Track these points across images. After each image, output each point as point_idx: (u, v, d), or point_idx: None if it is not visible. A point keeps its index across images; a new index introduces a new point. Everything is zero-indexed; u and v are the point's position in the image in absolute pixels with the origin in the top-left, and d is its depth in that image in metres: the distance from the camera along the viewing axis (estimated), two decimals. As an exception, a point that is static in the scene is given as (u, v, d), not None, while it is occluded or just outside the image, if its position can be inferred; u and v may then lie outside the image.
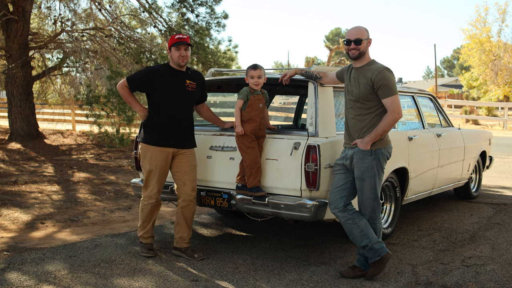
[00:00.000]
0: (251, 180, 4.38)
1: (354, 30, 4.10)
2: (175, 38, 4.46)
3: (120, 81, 4.54)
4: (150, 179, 4.53)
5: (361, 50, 4.06)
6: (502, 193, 7.75)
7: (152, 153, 4.48)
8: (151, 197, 4.55)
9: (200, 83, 4.66)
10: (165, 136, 4.47)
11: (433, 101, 6.58)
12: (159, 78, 4.46)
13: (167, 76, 4.48)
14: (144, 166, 4.54)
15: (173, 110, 4.47)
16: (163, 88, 4.45)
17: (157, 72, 4.50)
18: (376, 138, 3.99)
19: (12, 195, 7.23)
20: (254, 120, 4.45)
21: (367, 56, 4.11)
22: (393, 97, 3.95)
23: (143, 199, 4.62)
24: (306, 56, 55.34)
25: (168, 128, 4.47)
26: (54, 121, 18.01)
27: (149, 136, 4.51)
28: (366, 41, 4.07)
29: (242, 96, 4.49)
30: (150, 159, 4.48)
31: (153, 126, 4.49)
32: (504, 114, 22.82)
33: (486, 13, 30.46)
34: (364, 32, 4.09)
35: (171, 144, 4.48)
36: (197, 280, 4.01)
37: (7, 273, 4.10)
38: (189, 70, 4.61)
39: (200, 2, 14.48)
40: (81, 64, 13.60)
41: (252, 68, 4.51)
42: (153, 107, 4.50)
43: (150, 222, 4.61)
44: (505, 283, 3.99)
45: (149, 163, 4.49)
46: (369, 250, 4.04)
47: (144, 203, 4.59)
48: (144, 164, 4.53)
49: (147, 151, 4.50)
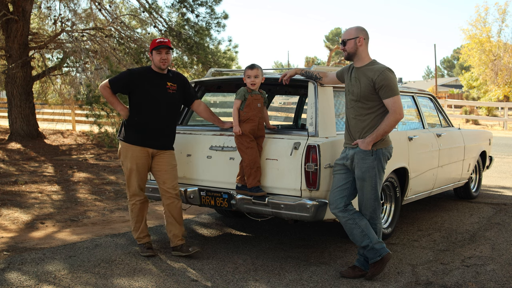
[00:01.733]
0: (250, 180, 4.38)
1: (344, 31, 4.15)
2: (156, 42, 4.56)
3: (102, 82, 4.62)
4: (132, 177, 4.60)
5: (347, 51, 4.07)
6: (502, 193, 7.74)
7: (133, 152, 4.56)
8: (136, 194, 4.63)
9: (181, 84, 4.72)
10: (145, 136, 4.55)
11: (433, 101, 6.58)
12: (140, 80, 4.55)
13: (149, 78, 4.57)
14: (125, 165, 4.62)
15: (154, 112, 4.54)
16: (144, 89, 4.53)
17: (138, 74, 4.60)
18: (377, 138, 3.98)
19: (12, 195, 7.23)
20: (253, 120, 4.45)
21: (365, 56, 4.07)
22: (395, 97, 3.94)
23: (129, 200, 4.68)
24: (306, 56, 55.38)
25: (148, 129, 4.55)
26: (54, 121, 18.00)
27: (129, 136, 4.58)
28: (354, 40, 4.03)
29: (239, 96, 4.49)
30: (131, 158, 4.56)
31: (134, 126, 4.57)
32: (504, 114, 22.81)
33: (486, 13, 30.48)
34: (352, 32, 4.06)
35: (150, 144, 4.56)
36: (197, 280, 4.01)
37: (7, 273, 4.10)
38: (170, 73, 4.69)
39: (200, 2, 14.47)
40: (81, 64, 13.61)
41: (249, 67, 4.52)
42: (135, 107, 4.57)
43: (142, 222, 4.67)
44: (505, 283, 3.99)
45: (130, 162, 4.57)
46: (370, 250, 4.03)
47: (132, 202, 4.66)
48: (125, 163, 4.61)
49: (128, 150, 4.58)
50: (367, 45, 4.11)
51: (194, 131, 5.02)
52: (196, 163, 4.86)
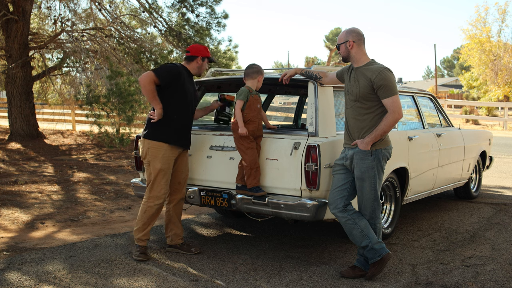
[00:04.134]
0: (250, 180, 4.38)
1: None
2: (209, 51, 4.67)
3: (145, 74, 4.33)
4: (159, 178, 4.43)
5: (341, 54, 4.13)
6: (502, 193, 7.74)
7: (165, 152, 4.43)
8: (159, 198, 4.45)
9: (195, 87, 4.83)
10: (179, 135, 4.50)
11: (433, 101, 6.58)
12: (183, 77, 4.51)
13: (186, 77, 4.56)
14: (154, 165, 4.42)
15: (187, 111, 4.55)
16: (183, 88, 4.49)
17: (181, 71, 4.52)
18: (376, 138, 3.98)
19: (12, 195, 7.23)
20: (253, 121, 4.46)
21: (360, 57, 4.06)
22: (394, 97, 3.94)
23: (148, 200, 4.48)
24: (306, 56, 55.37)
25: (182, 128, 4.52)
26: (54, 121, 18.00)
27: (163, 134, 4.43)
28: (344, 45, 4.06)
29: (242, 97, 4.46)
30: (163, 157, 4.41)
31: (169, 124, 4.45)
32: (504, 114, 22.81)
33: (486, 13, 30.46)
34: (342, 36, 4.09)
35: (182, 143, 4.54)
36: (197, 280, 4.01)
37: (7, 273, 4.10)
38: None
39: (200, 2, 14.48)
40: (81, 64, 13.61)
41: (261, 72, 4.61)
42: (171, 105, 4.44)
43: (150, 225, 4.52)
44: (505, 283, 3.99)
45: (161, 162, 4.41)
46: (370, 251, 4.03)
47: (150, 205, 4.46)
48: (155, 163, 4.41)
49: (159, 149, 4.42)
50: (361, 46, 4.07)
51: (194, 131, 5.01)
52: (196, 163, 4.86)
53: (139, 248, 4.50)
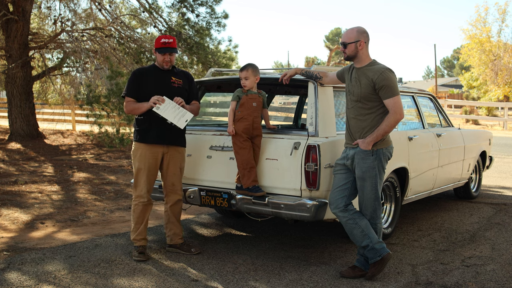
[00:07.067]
0: (245, 180, 4.38)
1: (345, 32, 4.13)
2: (160, 42, 4.49)
3: (124, 104, 4.57)
4: (139, 177, 4.54)
5: (347, 53, 4.07)
6: (502, 193, 7.74)
7: (141, 151, 4.52)
8: (142, 196, 4.55)
9: (187, 81, 4.68)
10: (153, 133, 4.49)
11: (433, 101, 6.58)
12: (146, 78, 4.52)
13: (153, 75, 4.55)
14: (134, 165, 4.58)
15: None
16: (149, 86, 4.50)
17: (141, 74, 4.55)
18: (377, 138, 3.98)
19: (12, 195, 7.23)
20: (246, 119, 4.45)
21: (365, 57, 4.07)
22: (395, 97, 3.94)
23: (134, 199, 4.61)
24: (306, 56, 55.39)
25: (156, 125, 4.49)
26: (54, 121, 18.00)
27: (138, 134, 4.55)
28: (355, 44, 4.02)
29: (233, 98, 4.54)
30: (140, 157, 4.52)
31: (142, 124, 4.53)
32: (504, 114, 22.81)
33: (486, 13, 30.47)
34: (353, 35, 4.03)
35: (159, 141, 4.50)
36: (197, 280, 4.01)
37: (7, 273, 4.10)
38: (174, 69, 4.66)
39: (200, 2, 14.47)
40: (81, 64, 13.61)
41: (240, 69, 4.57)
42: None
43: (142, 224, 4.57)
44: (505, 283, 3.99)
45: (138, 161, 4.52)
46: (370, 250, 4.03)
47: (135, 203, 4.58)
48: (134, 162, 4.57)
49: (137, 149, 4.55)
50: (368, 47, 4.10)
51: (194, 131, 5.02)
52: (196, 163, 4.86)
53: (137, 248, 4.54)
